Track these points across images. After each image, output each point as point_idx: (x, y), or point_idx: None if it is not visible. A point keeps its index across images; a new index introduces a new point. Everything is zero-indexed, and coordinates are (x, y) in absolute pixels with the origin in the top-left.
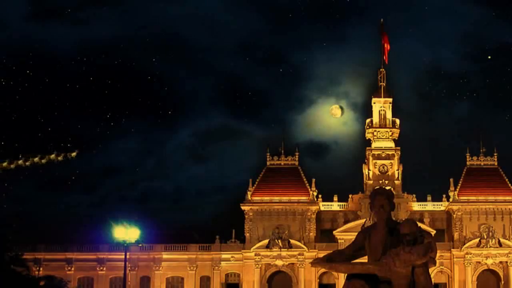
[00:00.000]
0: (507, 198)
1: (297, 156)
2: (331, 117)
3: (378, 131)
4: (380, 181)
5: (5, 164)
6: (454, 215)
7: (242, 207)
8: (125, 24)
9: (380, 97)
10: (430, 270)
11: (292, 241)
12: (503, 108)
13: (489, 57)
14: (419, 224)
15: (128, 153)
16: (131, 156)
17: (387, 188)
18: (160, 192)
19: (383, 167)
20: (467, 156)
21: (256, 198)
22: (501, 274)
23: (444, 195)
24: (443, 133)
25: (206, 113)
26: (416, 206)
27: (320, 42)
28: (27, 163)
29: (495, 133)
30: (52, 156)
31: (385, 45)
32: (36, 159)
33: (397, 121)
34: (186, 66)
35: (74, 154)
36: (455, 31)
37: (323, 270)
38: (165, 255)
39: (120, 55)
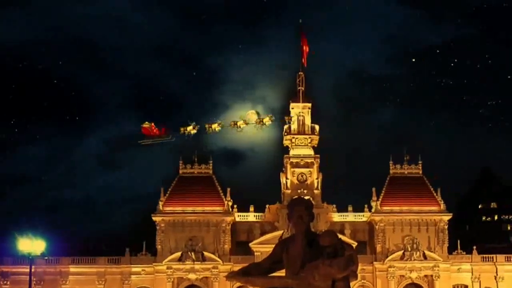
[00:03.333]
0: (432, 208)
1: (211, 164)
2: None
3: (297, 138)
4: (299, 191)
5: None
6: (377, 227)
7: (154, 218)
8: (32, 25)
9: (299, 102)
10: (352, 284)
11: (206, 253)
12: (428, 113)
13: (413, 59)
14: (340, 236)
15: (34, 161)
16: (38, 164)
17: (306, 197)
18: (69, 201)
19: (302, 176)
20: (390, 164)
21: (168, 209)
22: None
23: (366, 206)
24: (366, 139)
25: (116, 119)
26: (337, 217)
27: (236, 44)
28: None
29: (420, 140)
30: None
31: (304, 47)
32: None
33: (317, 127)
34: (96, 69)
35: (267, 119)
36: (378, 32)
37: (238, 284)
38: (72, 269)
39: (26, 58)
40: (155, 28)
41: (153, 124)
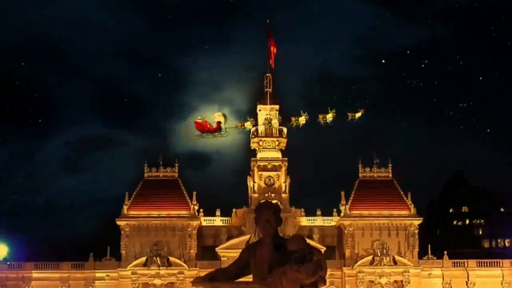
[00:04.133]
0: (402, 212)
1: (176, 168)
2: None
3: (264, 141)
4: (266, 194)
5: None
6: (346, 231)
7: (118, 222)
8: None
9: (266, 104)
10: None
11: (171, 258)
12: (399, 115)
13: (383, 61)
14: (308, 241)
15: None
16: None
17: (274, 201)
18: (31, 206)
19: (269, 179)
20: (360, 168)
21: (132, 213)
22: None
23: (334, 210)
24: (335, 142)
25: (80, 121)
26: (305, 221)
27: (202, 45)
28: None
29: (390, 143)
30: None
31: (271, 48)
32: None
33: (284, 130)
34: (58, 71)
35: (359, 114)
36: (348, 33)
37: None
38: (35, 274)
39: None
40: (120, 29)
41: (205, 118)
